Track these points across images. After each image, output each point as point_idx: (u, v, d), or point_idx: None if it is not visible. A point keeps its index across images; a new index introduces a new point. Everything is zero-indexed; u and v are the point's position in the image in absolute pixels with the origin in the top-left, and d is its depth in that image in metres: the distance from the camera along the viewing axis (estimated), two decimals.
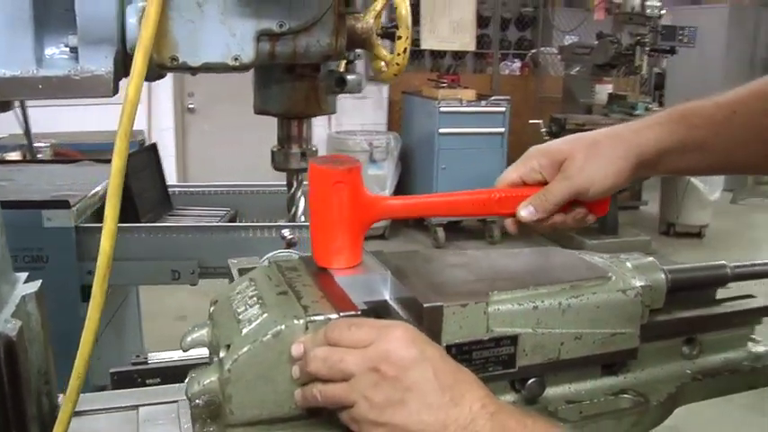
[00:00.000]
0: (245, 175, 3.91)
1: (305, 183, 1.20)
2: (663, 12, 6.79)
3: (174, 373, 1.32)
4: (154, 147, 3.27)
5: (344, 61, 1.18)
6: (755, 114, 1.09)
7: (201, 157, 7.72)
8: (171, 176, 5.61)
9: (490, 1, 9.04)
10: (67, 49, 0.96)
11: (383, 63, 1.10)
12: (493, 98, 7.00)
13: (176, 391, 1.18)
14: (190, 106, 7.65)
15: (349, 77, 1.17)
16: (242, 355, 0.87)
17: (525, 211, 1.07)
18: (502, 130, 6.92)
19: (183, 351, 1.03)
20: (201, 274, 2.46)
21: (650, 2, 6.59)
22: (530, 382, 1.02)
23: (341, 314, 0.91)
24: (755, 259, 1.32)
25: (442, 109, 6.75)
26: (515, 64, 9.17)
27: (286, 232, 1.48)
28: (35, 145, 4.34)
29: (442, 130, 6.74)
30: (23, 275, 1.11)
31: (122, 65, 0.96)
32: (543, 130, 6.21)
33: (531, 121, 6.61)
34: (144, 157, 3.07)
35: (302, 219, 1.39)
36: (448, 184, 6.69)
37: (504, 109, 6.92)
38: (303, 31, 1.00)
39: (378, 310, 1.01)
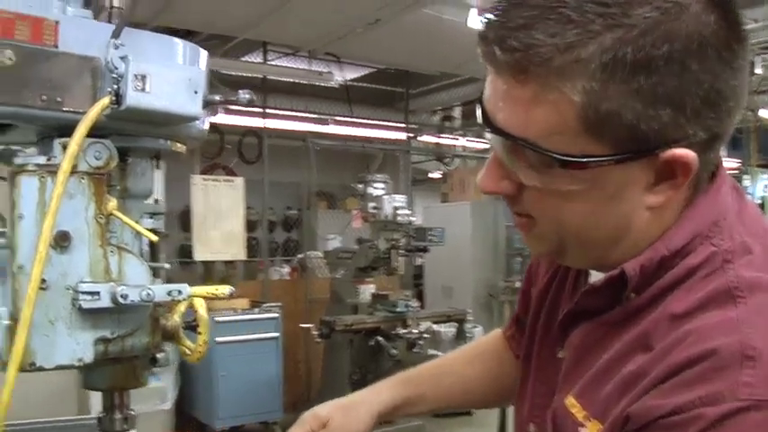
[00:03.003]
0: None
1: None
2: (413, 218, 7.66)
3: None
4: None
5: None
6: (455, 372, 1.65)
7: None
8: None
9: (257, 207, 9.65)
10: None
11: (187, 350, 1.50)
12: (265, 305, 7.44)
13: None
14: None
15: (159, 356, 1.55)
16: None
17: None
18: (276, 334, 7.32)
19: None
20: None
21: (402, 211, 7.37)
22: None
23: None
24: None
25: (217, 319, 6.98)
26: (285, 269, 9.74)
27: None
28: None
29: (219, 339, 6.94)
30: None
31: None
32: (315, 332, 6.62)
33: (301, 326, 7.06)
34: None
35: None
36: (228, 389, 6.92)
37: (276, 315, 7.37)
38: (128, 335, 1.39)
39: None
